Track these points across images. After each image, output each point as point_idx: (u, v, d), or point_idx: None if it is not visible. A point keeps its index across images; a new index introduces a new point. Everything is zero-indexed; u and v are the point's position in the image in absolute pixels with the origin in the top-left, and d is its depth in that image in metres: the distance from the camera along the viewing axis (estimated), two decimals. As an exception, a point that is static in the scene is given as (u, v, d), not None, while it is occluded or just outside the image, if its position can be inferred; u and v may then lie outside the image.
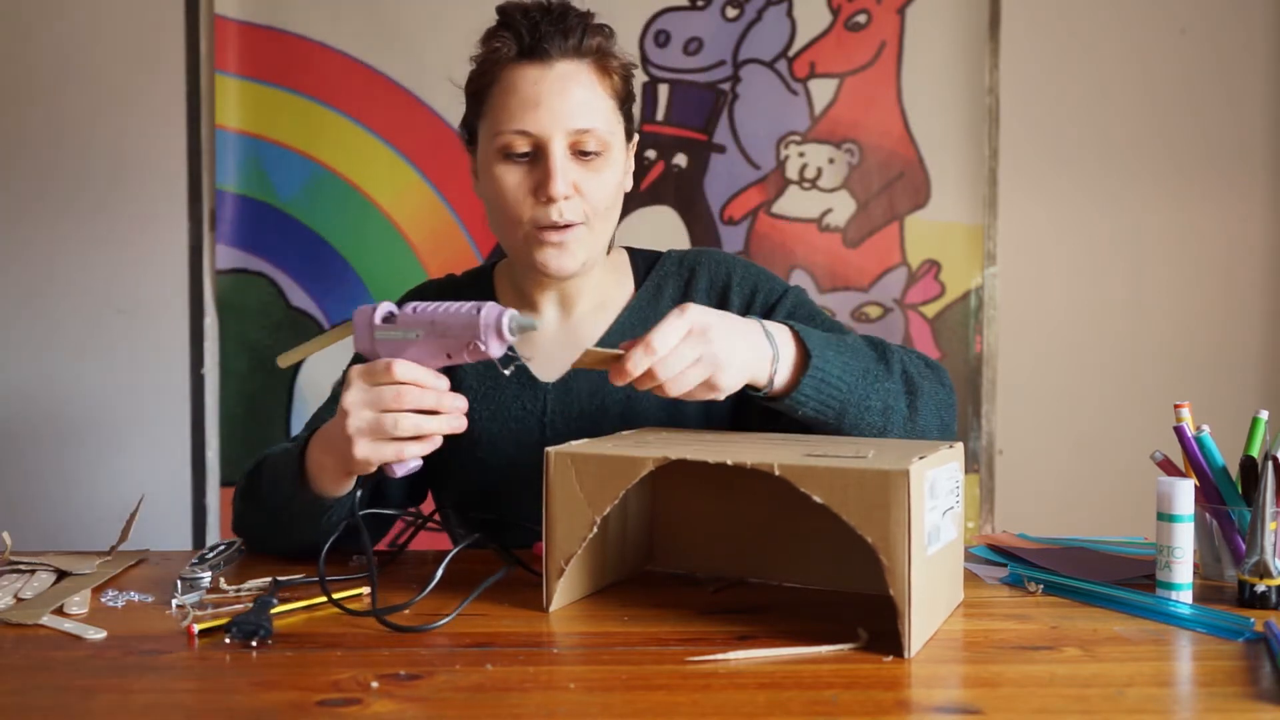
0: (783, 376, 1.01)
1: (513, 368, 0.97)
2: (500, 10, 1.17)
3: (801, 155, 2.24)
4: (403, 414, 0.93)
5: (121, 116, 2.21)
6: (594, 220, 1.16)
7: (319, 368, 2.21)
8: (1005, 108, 2.26)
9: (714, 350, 0.92)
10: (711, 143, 2.23)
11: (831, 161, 2.24)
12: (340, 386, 1.28)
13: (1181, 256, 2.32)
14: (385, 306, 0.98)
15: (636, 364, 0.90)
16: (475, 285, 1.31)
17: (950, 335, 2.26)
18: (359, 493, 1.03)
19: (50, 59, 2.20)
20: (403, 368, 0.94)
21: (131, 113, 2.21)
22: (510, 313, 0.92)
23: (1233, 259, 2.32)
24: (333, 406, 1.26)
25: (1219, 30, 2.29)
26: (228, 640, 0.83)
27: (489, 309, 0.92)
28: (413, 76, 2.20)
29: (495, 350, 0.93)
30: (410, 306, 0.96)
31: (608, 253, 1.25)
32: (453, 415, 0.96)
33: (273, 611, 0.88)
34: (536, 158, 1.13)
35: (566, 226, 1.13)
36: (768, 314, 1.23)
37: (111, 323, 2.23)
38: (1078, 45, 2.28)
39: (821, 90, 2.24)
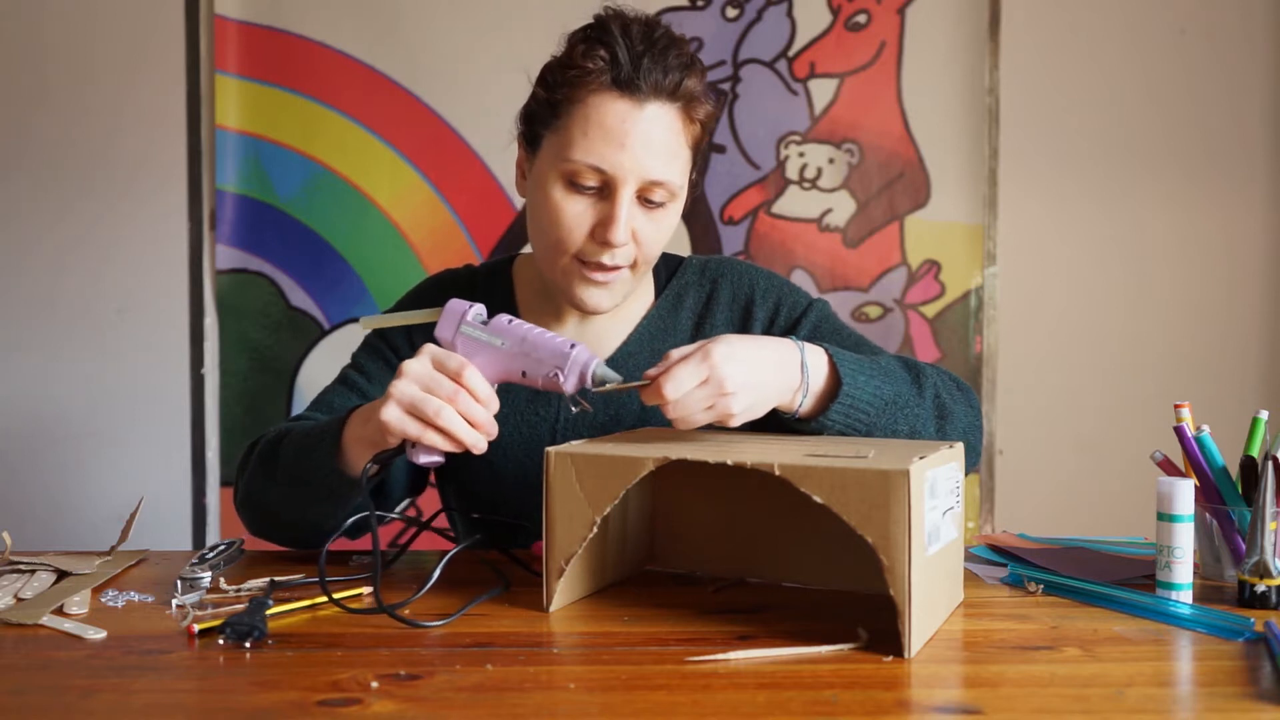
0: (808, 405, 1.02)
1: (579, 409, 0.97)
2: (600, 21, 1.10)
3: (801, 155, 2.24)
4: (445, 407, 0.93)
5: (122, 117, 2.21)
6: (641, 265, 1.14)
7: (318, 367, 2.21)
8: (1005, 108, 2.26)
9: (727, 402, 0.93)
10: (711, 143, 2.23)
11: (831, 161, 2.24)
12: (352, 370, 1.28)
13: (1181, 256, 2.32)
14: (480, 308, 1.00)
15: (648, 401, 0.94)
16: (493, 281, 1.29)
17: (950, 335, 2.26)
18: (373, 467, 0.99)
19: (50, 59, 2.20)
20: (472, 374, 0.95)
21: (131, 113, 2.21)
22: (599, 361, 0.96)
23: (1233, 259, 2.32)
24: (338, 389, 1.26)
25: (1219, 30, 2.29)
26: (221, 641, 0.83)
27: (581, 349, 0.95)
28: (413, 76, 2.20)
29: (570, 386, 0.95)
30: (505, 318, 0.99)
31: None
32: (486, 437, 0.96)
33: (269, 612, 0.88)
34: (602, 194, 1.09)
35: (614, 268, 1.12)
36: (791, 328, 1.23)
37: (111, 323, 2.23)
38: (1078, 45, 2.28)
39: (821, 90, 2.24)
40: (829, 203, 2.24)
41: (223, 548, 1.08)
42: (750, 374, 0.95)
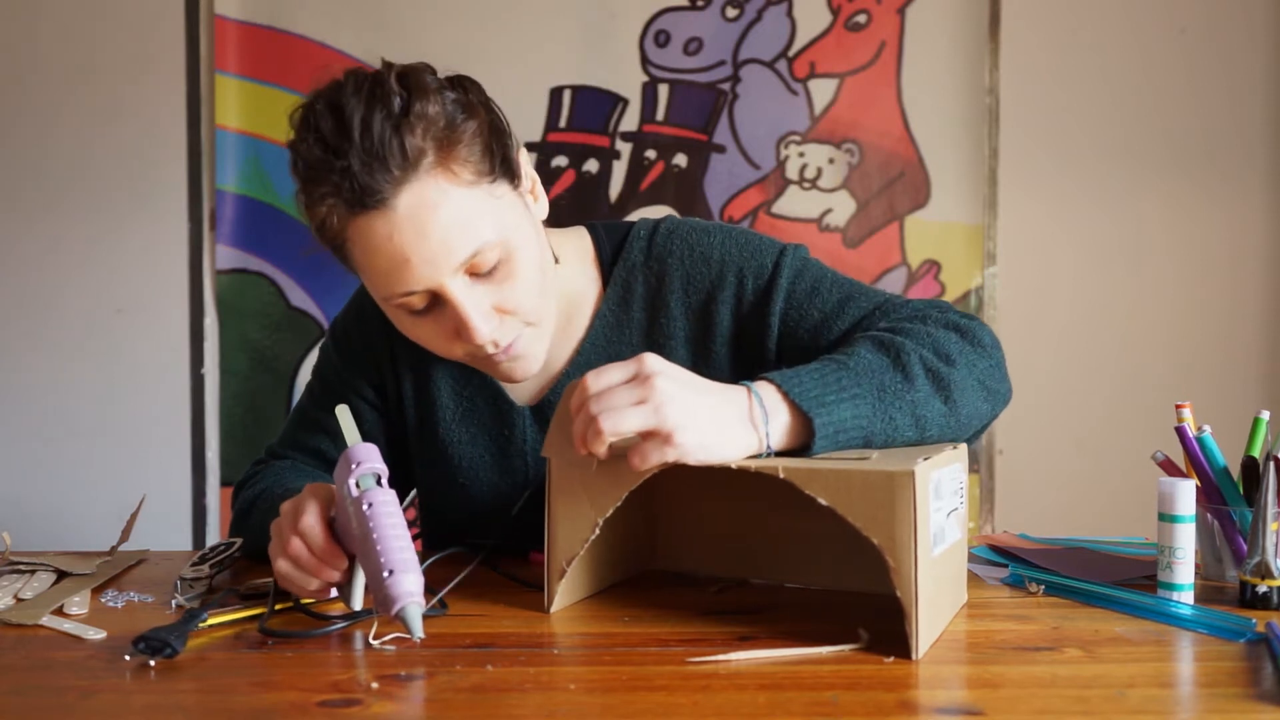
0: (779, 437, 0.86)
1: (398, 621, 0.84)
2: (293, 148, 0.96)
3: (801, 155, 2.24)
4: (293, 571, 0.90)
5: (122, 116, 2.21)
6: (536, 320, 1.02)
7: (319, 368, 2.21)
8: (1005, 108, 2.26)
9: (665, 414, 0.81)
10: (711, 143, 2.23)
11: (831, 161, 2.24)
12: (309, 403, 1.24)
13: (1182, 256, 2.31)
14: (368, 468, 0.87)
15: (572, 403, 0.85)
16: None
17: (950, 335, 2.26)
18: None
19: (50, 59, 2.20)
20: (305, 522, 0.88)
21: (131, 113, 2.21)
22: (409, 608, 0.81)
23: (1233, 258, 2.32)
24: (307, 401, 1.24)
25: (1219, 30, 2.29)
26: (127, 658, 0.79)
27: (402, 593, 0.81)
28: (413, 76, 2.20)
29: (360, 602, 0.91)
30: (378, 498, 0.86)
31: (555, 262, 1.09)
32: (320, 589, 0.90)
33: (210, 623, 0.86)
34: (439, 301, 0.97)
35: (506, 347, 1.01)
36: (763, 299, 1.08)
37: (111, 323, 2.23)
38: (1078, 45, 2.28)
39: (821, 90, 2.23)
40: (829, 203, 2.24)
41: (222, 548, 1.08)
42: (690, 387, 0.83)
